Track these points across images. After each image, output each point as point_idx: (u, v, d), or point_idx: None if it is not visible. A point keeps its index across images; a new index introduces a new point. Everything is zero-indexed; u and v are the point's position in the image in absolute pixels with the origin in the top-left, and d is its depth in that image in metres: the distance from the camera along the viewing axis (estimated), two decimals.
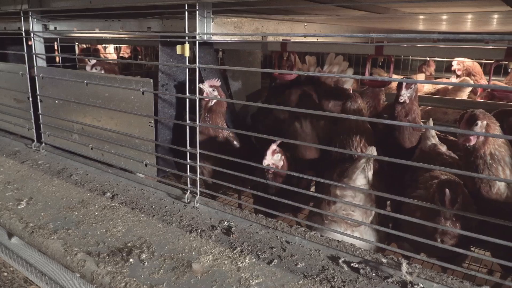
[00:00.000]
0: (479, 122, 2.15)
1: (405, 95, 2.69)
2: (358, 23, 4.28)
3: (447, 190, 1.97)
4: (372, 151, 2.24)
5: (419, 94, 4.34)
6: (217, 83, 2.88)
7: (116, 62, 5.09)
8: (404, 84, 2.67)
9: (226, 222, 2.39)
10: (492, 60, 3.45)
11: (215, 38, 2.59)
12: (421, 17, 3.86)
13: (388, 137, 2.86)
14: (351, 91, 3.40)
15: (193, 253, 2.08)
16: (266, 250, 2.10)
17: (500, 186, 2.21)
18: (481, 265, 2.98)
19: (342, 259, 2.00)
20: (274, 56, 3.33)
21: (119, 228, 2.35)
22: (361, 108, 2.80)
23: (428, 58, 5.49)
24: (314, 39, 3.38)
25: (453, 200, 1.96)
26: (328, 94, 3.37)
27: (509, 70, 4.54)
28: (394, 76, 5.18)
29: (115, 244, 2.17)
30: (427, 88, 4.44)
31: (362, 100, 2.88)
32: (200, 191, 2.64)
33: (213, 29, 2.53)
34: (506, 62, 4.52)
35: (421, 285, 1.78)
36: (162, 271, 1.93)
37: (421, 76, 5.34)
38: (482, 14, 3.41)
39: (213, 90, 2.87)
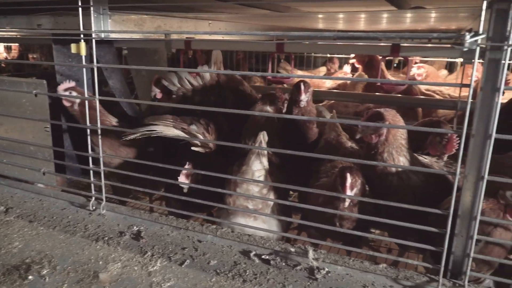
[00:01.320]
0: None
1: (304, 100, 2.75)
2: (262, 22, 4.40)
3: (347, 174, 2.09)
4: (264, 136, 2.32)
5: (321, 89, 4.61)
6: (71, 84, 2.74)
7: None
8: (302, 88, 2.71)
9: (135, 227, 2.31)
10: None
11: (114, 36, 2.48)
12: (320, 16, 4.08)
13: (292, 132, 2.96)
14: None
15: (100, 262, 1.98)
16: (178, 252, 2.07)
17: (394, 177, 2.38)
18: (381, 245, 3.24)
19: (254, 252, 2.04)
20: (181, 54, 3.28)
21: (15, 244, 2.15)
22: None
23: (329, 55, 5.82)
24: (220, 37, 3.40)
25: (352, 184, 2.09)
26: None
27: (394, 65, 4.96)
28: (299, 73, 5.42)
29: (11, 262, 1.98)
30: (329, 83, 4.72)
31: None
32: (107, 197, 2.52)
33: (111, 26, 2.42)
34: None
35: (326, 269, 1.88)
36: (65, 285, 1.81)
37: (322, 71, 5.64)
38: (373, 14, 3.70)
39: (70, 92, 2.73)
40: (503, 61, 1.46)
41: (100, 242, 2.16)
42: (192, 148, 2.66)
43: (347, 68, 5.22)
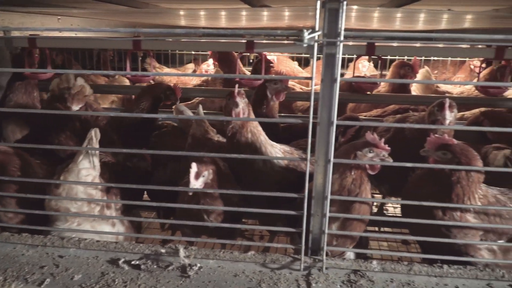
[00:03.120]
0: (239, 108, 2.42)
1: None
2: (121, 18, 4.21)
3: (193, 164, 2.12)
4: (96, 133, 2.22)
5: (187, 86, 4.63)
6: None
7: None
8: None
9: None
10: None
11: None
12: (181, 13, 4.05)
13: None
14: None
15: None
16: (36, 271, 1.87)
17: (260, 162, 2.52)
18: (255, 234, 3.38)
19: (123, 260, 1.95)
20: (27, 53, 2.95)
21: None
22: None
23: (193, 52, 5.83)
24: (72, 34, 3.15)
25: (198, 174, 2.13)
26: None
27: (250, 61, 5.18)
28: (165, 70, 5.33)
29: None
30: (195, 81, 4.75)
31: None
32: None
33: None
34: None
35: (198, 265, 1.90)
36: None
37: (190, 69, 5.63)
38: (232, 11, 3.80)
39: None
40: (337, 55, 1.63)
41: None
42: None
43: (205, 66, 5.30)
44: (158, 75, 4.50)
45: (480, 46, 3.42)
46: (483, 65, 3.59)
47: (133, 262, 1.93)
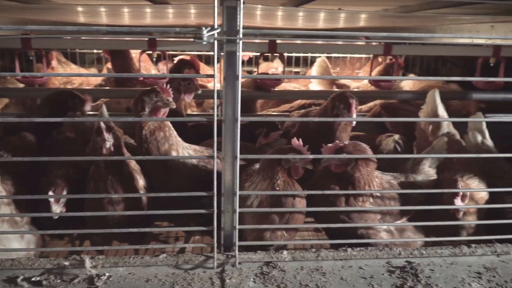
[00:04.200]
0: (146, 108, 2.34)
1: None
2: (14, 14, 3.82)
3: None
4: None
5: (90, 87, 4.39)
6: None
7: None
8: None
9: None
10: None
11: None
12: (79, 9, 3.80)
13: None
14: None
15: None
16: None
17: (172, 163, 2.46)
18: (170, 236, 3.30)
19: (22, 277, 1.80)
20: None
21: None
22: None
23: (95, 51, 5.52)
24: None
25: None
26: None
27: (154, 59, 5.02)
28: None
29: None
30: (96, 81, 4.52)
31: None
32: None
33: None
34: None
35: (107, 274, 1.81)
36: None
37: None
38: (135, 8, 3.67)
39: None
40: (238, 53, 1.65)
41: None
42: None
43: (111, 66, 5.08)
44: (49, 76, 4.18)
45: (374, 43, 3.71)
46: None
47: (33, 279, 1.78)
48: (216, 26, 1.56)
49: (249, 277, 1.86)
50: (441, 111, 3.00)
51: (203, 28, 1.49)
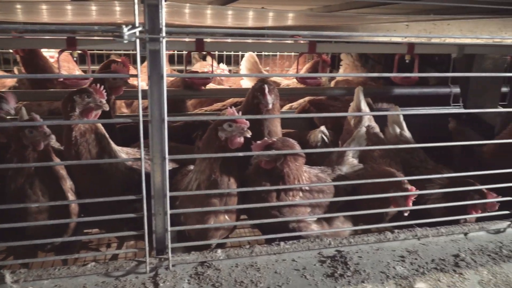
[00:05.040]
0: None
1: None
2: None
3: None
4: None
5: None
6: None
7: None
8: None
9: None
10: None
11: None
12: None
13: None
14: None
15: None
16: None
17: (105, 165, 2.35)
18: (102, 243, 3.17)
19: None
20: None
21: None
22: None
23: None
24: None
25: None
26: None
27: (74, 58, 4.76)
28: None
29: None
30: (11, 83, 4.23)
31: None
32: None
33: None
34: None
35: None
36: None
37: None
38: (55, 5, 3.47)
39: None
40: (162, 51, 1.62)
41: None
42: None
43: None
44: None
45: (302, 42, 3.81)
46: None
47: None
48: (137, 24, 1.52)
49: (183, 278, 1.83)
50: (364, 106, 3.19)
51: (123, 26, 1.45)
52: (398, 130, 3.12)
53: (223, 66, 5.73)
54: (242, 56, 5.54)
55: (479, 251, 2.19)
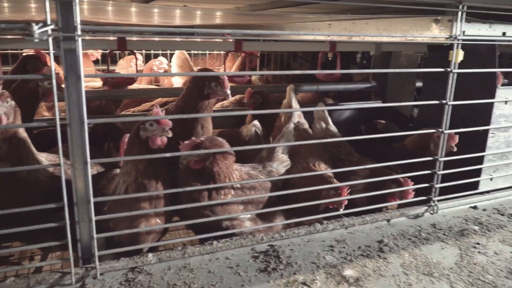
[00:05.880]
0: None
1: None
2: None
3: None
4: None
5: None
6: None
7: None
8: None
9: None
10: None
11: None
12: None
13: None
14: None
15: None
16: None
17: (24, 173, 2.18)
18: (24, 256, 2.96)
19: None
20: None
21: None
22: None
23: None
24: None
25: None
26: None
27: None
28: None
29: None
30: None
31: None
32: None
33: None
34: None
35: None
36: None
37: None
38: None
39: None
40: (78, 51, 1.54)
41: None
42: None
43: None
44: None
45: (230, 40, 3.82)
46: None
47: None
48: (49, 22, 1.43)
49: (112, 286, 1.77)
50: (294, 103, 3.28)
51: (33, 24, 1.35)
52: (324, 125, 3.24)
53: (161, 59, 5.47)
54: (171, 54, 5.43)
55: (400, 236, 2.34)
